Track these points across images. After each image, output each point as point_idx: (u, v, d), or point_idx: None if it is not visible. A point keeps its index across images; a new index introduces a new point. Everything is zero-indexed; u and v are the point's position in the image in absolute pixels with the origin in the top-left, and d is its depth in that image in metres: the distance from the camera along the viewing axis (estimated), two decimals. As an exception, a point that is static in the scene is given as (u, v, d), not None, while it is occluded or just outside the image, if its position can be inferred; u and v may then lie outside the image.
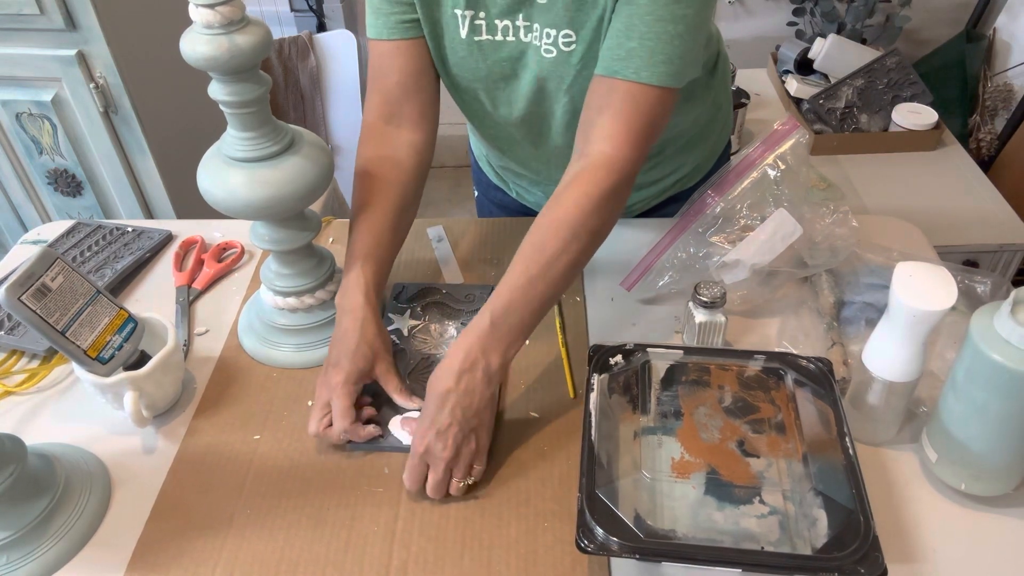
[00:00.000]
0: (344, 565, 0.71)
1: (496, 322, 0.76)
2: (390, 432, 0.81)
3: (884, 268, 0.92)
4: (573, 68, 0.83)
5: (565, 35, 0.81)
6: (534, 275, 0.76)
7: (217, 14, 0.70)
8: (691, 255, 0.95)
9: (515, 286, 0.76)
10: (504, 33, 0.84)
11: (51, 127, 1.58)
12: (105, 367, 0.77)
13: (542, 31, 0.82)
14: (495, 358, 0.75)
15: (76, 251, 1.06)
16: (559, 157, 0.98)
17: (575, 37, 0.81)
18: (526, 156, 1.01)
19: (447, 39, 0.86)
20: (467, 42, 0.85)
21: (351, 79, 2.32)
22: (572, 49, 0.82)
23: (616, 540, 0.63)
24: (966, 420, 0.69)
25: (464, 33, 0.85)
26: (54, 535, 0.72)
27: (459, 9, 0.83)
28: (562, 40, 0.82)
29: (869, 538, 0.63)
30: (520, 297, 0.76)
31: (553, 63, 0.84)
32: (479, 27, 0.84)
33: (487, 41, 0.85)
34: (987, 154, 2.09)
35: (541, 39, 0.82)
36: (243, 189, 0.78)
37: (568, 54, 0.82)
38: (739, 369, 0.80)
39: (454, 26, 0.85)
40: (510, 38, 0.84)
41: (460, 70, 0.89)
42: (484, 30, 0.84)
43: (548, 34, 0.82)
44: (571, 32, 0.81)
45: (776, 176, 0.93)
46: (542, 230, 0.78)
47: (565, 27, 0.80)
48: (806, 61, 2.01)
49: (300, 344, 0.90)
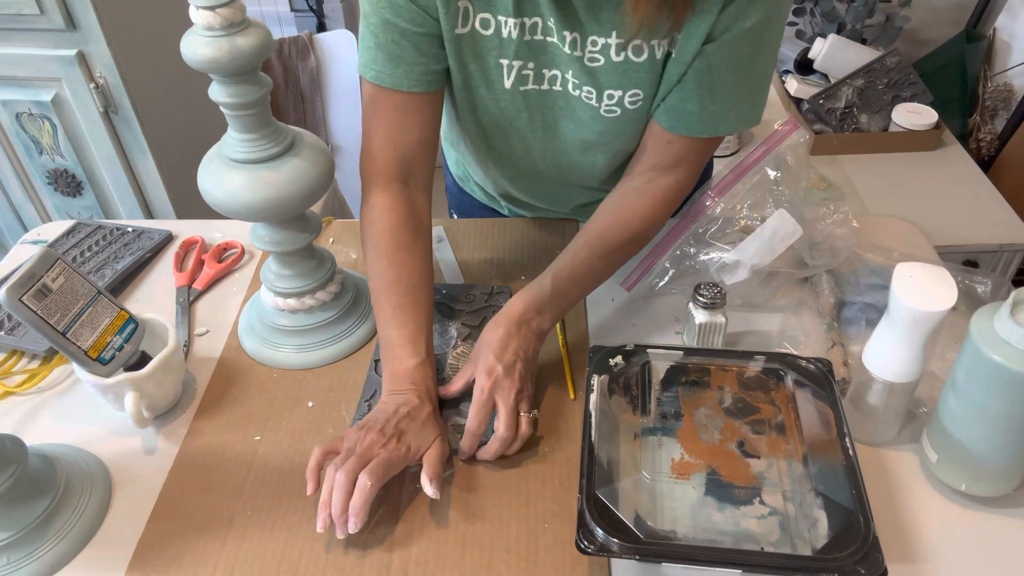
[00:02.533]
0: (344, 566, 0.71)
1: (557, 289, 0.82)
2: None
3: (884, 268, 0.92)
4: (636, 122, 0.82)
5: (632, 95, 0.78)
6: (595, 258, 0.84)
7: (218, 16, 0.70)
8: (691, 256, 0.95)
9: (578, 261, 0.83)
10: (552, 83, 0.80)
11: (51, 127, 1.58)
12: (106, 368, 0.77)
13: (601, 92, 0.78)
14: (546, 320, 0.82)
15: (76, 251, 1.06)
16: (578, 190, 0.98)
17: (642, 95, 0.79)
18: (542, 188, 0.99)
19: (484, 88, 0.81)
20: (511, 92, 0.81)
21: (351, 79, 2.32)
22: (639, 106, 0.80)
23: (616, 541, 0.63)
24: (966, 420, 0.69)
25: (509, 84, 0.80)
26: (54, 536, 0.72)
27: (506, 59, 0.78)
28: (628, 100, 0.79)
29: (869, 539, 0.63)
30: (581, 273, 0.83)
31: (616, 121, 0.81)
32: (526, 77, 0.80)
33: (533, 91, 0.81)
34: (987, 154, 2.09)
35: (602, 100, 0.79)
36: (244, 191, 0.78)
37: (635, 111, 0.80)
38: (739, 370, 0.80)
39: (497, 75, 0.80)
40: (557, 88, 0.81)
41: (496, 118, 0.84)
42: (531, 80, 0.80)
43: (611, 95, 0.78)
44: (639, 91, 0.78)
45: (776, 176, 0.93)
46: (611, 225, 0.84)
47: (632, 88, 0.78)
48: (806, 61, 2.01)
49: (301, 345, 0.90)
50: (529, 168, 0.93)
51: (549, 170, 0.92)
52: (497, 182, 1.01)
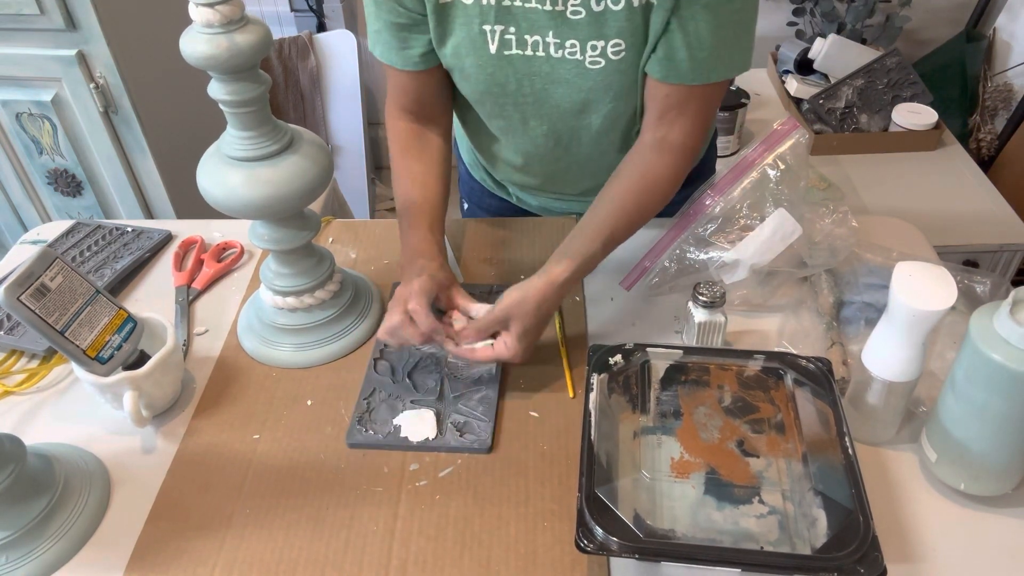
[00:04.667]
0: (343, 565, 0.71)
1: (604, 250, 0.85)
2: (398, 428, 0.81)
3: (884, 268, 0.92)
4: (622, 75, 0.84)
5: (615, 44, 0.81)
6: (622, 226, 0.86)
7: (217, 13, 0.70)
8: (691, 255, 0.95)
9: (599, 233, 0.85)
10: (535, 48, 0.83)
11: (51, 127, 1.58)
12: (104, 367, 0.77)
13: (584, 44, 0.81)
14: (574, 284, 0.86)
15: (76, 251, 1.06)
16: (581, 167, 0.99)
17: (624, 45, 0.81)
18: (545, 166, 1.00)
19: (474, 57, 0.85)
20: (496, 57, 0.84)
21: (351, 79, 2.32)
22: (622, 57, 0.82)
23: (616, 540, 0.63)
24: (965, 420, 0.69)
25: (494, 48, 0.84)
26: (53, 535, 0.72)
27: (488, 24, 0.82)
28: (611, 50, 0.81)
29: (868, 538, 0.63)
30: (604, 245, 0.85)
31: (601, 73, 0.83)
32: (509, 42, 0.83)
33: (518, 56, 0.84)
34: (987, 154, 2.09)
35: (585, 52, 0.82)
36: (242, 188, 0.78)
37: (618, 62, 0.82)
38: (739, 369, 0.80)
39: (482, 42, 0.83)
40: (540, 53, 0.83)
41: (488, 86, 0.88)
42: (515, 44, 0.83)
43: (594, 46, 0.81)
44: (620, 41, 0.80)
45: (776, 176, 0.93)
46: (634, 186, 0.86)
47: (614, 37, 0.80)
48: (806, 61, 2.01)
49: (300, 344, 0.90)
50: (529, 144, 0.96)
51: (548, 141, 0.94)
52: (502, 167, 1.04)
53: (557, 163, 0.99)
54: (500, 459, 0.79)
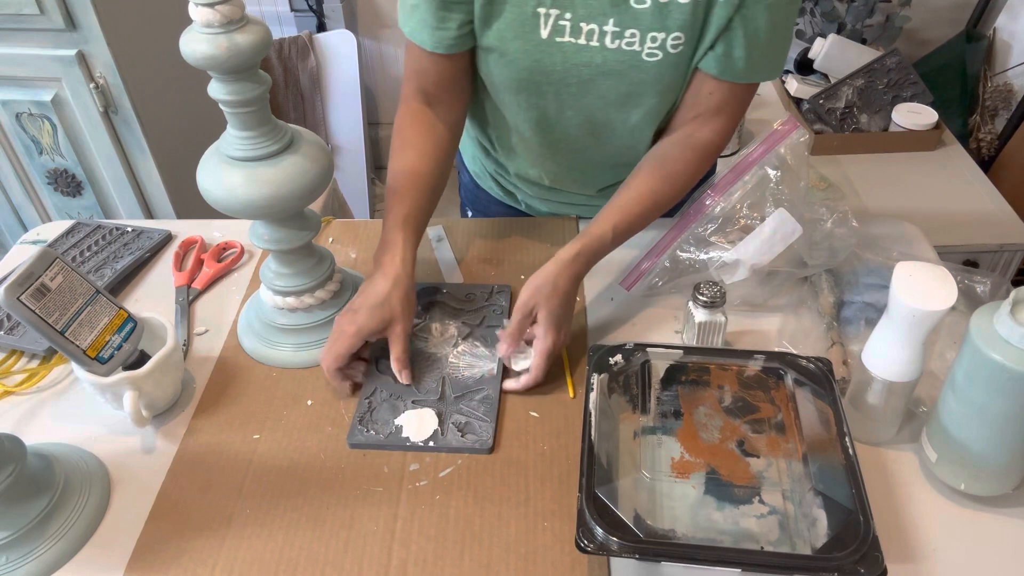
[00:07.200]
0: (343, 565, 0.71)
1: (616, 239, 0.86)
2: (399, 428, 0.81)
3: (884, 268, 0.92)
4: (674, 70, 0.83)
5: (675, 38, 0.80)
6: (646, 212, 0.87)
7: (217, 13, 0.70)
8: (691, 255, 0.94)
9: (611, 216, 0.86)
10: (588, 37, 0.81)
11: (51, 127, 1.58)
12: (104, 367, 0.77)
13: (645, 35, 0.80)
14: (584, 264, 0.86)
15: (76, 251, 1.06)
16: (606, 160, 0.98)
17: (684, 39, 0.80)
18: (571, 158, 0.99)
19: (521, 41, 0.83)
20: (547, 43, 0.82)
21: (351, 79, 2.32)
22: (680, 51, 0.81)
23: (616, 540, 0.63)
24: (966, 420, 0.69)
25: (546, 33, 0.81)
26: (53, 535, 0.72)
27: (544, 7, 0.80)
28: (671, 43, 0.80)
29: (869, 538, 0.63)
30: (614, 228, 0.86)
31: (656, 66, 0.82)
32: (563, 28, 0.81)
33: (570, 44, 0.82)
34: (987, 154, 2.09)
35: (644, 43, 0.81)
36: (242, 188, 0.78)
37: (675, 56, 0.82)
38: (739, 369, 0.80)
39: (532, 26, 0.81)
40: (594, 43, 0.82)
41: (531, 73, 0.85)
42: (568, 31, 0.81)
43: (654, 38, 0.80)
44: (680, 34, 0.80)
45: (776, 176, 0.93)
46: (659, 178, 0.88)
47: (675, 29, 0.79)
48: (806, 61, 2.01)
49: (299, 344, 0.90)
50: (560, 134, 0.94)
51: (580, 131, 0.93)
52: (520, 161, 1.03)
53: (584, 154, 0.98)
54: (500, 459, 0.79)
